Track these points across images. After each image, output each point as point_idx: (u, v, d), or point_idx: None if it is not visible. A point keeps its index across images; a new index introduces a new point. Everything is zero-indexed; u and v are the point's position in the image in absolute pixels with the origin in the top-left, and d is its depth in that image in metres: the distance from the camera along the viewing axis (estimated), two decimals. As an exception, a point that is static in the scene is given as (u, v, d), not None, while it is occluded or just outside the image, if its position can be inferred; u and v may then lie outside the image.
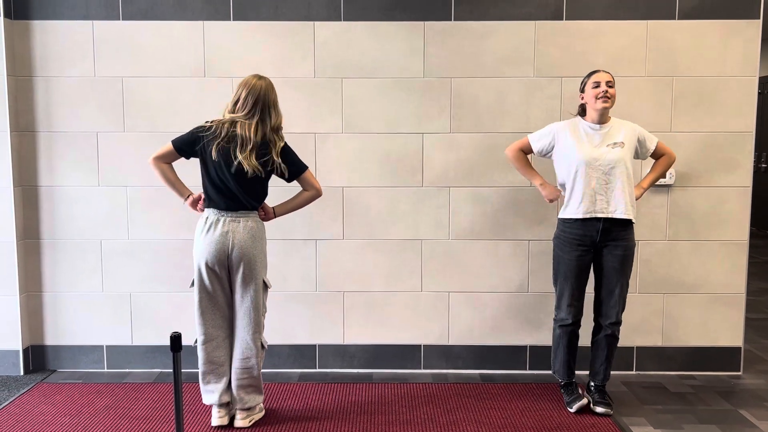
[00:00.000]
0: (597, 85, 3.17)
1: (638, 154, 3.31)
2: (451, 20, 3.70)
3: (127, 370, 3.91)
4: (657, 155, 3.34)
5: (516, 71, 3.72)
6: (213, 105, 3.74)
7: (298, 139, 3.75)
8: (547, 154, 3.31)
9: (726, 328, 3.85)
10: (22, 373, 3.83)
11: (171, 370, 3.83)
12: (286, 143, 3.09)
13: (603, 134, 3.20)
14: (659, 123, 3.73)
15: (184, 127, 3.74)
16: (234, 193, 2.99)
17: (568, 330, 3.31)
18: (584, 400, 3.30)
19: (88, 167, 3.80)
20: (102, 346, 3.90)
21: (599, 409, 3.27)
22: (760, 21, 3.65)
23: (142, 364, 3.91)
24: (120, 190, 3.80)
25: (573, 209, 3.21)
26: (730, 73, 3.70)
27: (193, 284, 3.06)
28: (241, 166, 2.94)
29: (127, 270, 3.85)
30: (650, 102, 3.73)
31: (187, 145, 3.04)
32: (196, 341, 3.09)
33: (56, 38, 3.72)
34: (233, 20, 3.71)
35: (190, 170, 3.24)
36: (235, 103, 3.00)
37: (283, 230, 3.81)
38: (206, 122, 3.05)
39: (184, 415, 3.26)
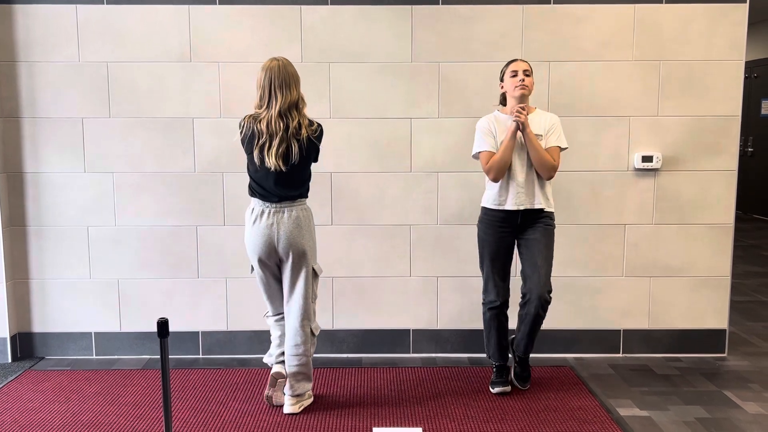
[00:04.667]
0: (514, 74, 3.19)
1: None
2: (438, 4, 3.68)
3: (115, 357, 3.90)
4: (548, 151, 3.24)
5: (504, 55, 3.71)
6: (199, 90, 3.71)
7: (286, 124, 3.73)
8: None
9: (711, 311, 3.89)
10: (9, 360, 3.82)
11: (159, 356, 3.84)
12: (320, 128, 3.07)
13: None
14: (646, 107, 3.74)
15: (170, 113, 3.73)
16: (272, 188, 2.99)
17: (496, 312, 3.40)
18: (508, 388, 3.36)
19: (73, 153, 3.76)
20: (90, 333, 3.89)
21: (518, 384, 3.42)
22: (747, 5, 3.65)
23: (130, 350, 3.90)
24: (106, 176, 3.78)
25: (497, 200, 3.24)
26: (717, 57, 3.71)
27: (252, 270, 3.16)
28: (265, 163, 2.94)
29: (115, 257, 3.83)
30: (638, 86, 3.73)
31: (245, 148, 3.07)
32: (266, 314, 3.30)
33: (40, 22, 3.67)
34: (219, 4, 3.67)
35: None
36: (260, 98, 2.98)
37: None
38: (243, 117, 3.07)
39: (172, 401, 3.27)
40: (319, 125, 3.07)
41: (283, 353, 3.19)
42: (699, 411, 3.19)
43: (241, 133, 3.03)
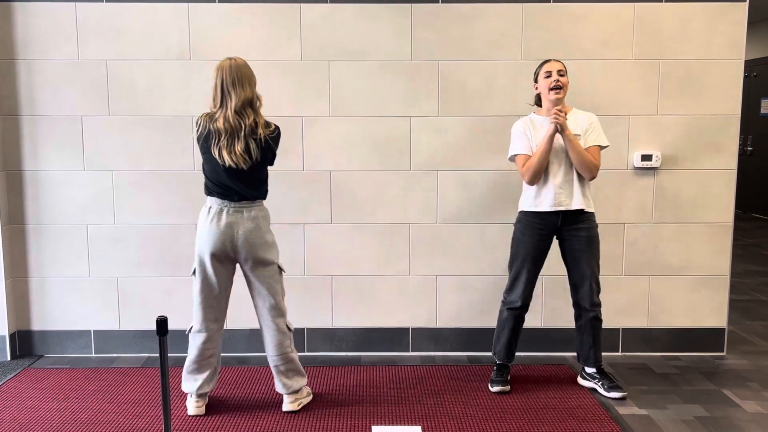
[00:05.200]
0: (548, 74, 3.17)
1: None
2: (438, 2, 3.68)
3: (114, 355, 3.90)
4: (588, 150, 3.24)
5: (503, 54, 3.71)
6: (198, 88, 3.71)
7: (285, 122, 3.73)
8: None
9: (710, 310, 3.89)
10: (9, 358, 3.82)
11: (158, 355, 3.84)
12: (277, 129, 3.02)
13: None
14: (646, 106, 3.74)
15: (169, 111, 3.73)
16: (231, 187, 2.95)
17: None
18: (507, 387, 3.34)
19: (72, 151, 3.76)
20: (89, 331, 3.89)
21: (614, 394, 3.28)
22: (746, 4, 3.65)
23: (129, 348, 3.90)
24: (105, 174, 3.78)
25: (534, 202, 3.23)
26: (717, 56, 3.71)
27: (194, 273, 3.03)
28: (225, 161, 2.89)
29: (114, 255, 3.83)
30: (637, 85, 3.73)
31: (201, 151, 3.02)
32: (190, 329, 3.08)
33: (39, 20, 3.67)
34: (218, 2, 3.67)
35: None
36: (213, 98, 2.94)
37: (270, 214, 3.79)
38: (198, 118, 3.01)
39: (171, 399, 3.27)
40: (277, 127, 3.01)
41: (205, 382, 3.09)
42: (698, 410, 3.19)
43: (197, 131, 2.96)
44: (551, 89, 3.16)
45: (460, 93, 3.74)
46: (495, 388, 3.34)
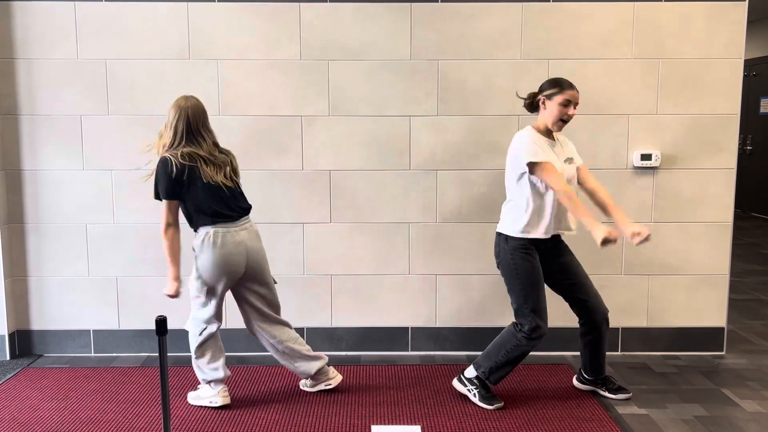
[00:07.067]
0: (567, 103, 2.96)
1: None
2: (438, 2, 3.68)
3: (114, 355, 3.90)
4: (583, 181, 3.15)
5: (503, 53, 3.71)
6: (197, 88, 3.71)
7: (285, 122, 3.73)
8: None
9: (710, 309, 3.89)
10: (8, 357, 3.82)
11: (157, 354, 3.84)
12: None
13: (558, 149, 3.07)
14: (645, 105, 3.74)
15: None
16: (232, 208, 3.06)
17: None
18: (501, 404, 3.18)
19: (72, 151, 3.76)
20: (89, 331, 3.89)
21: (621, 396, 3.28)
22: (746, 3, 3.65)
23: (129, 348, 3.90)
24: (105, 173, 3.77)
25: (539, 229, 3.03)
26: (716, 55, 3.71)
27: (204, 295, 3.06)
28: (220, 182, 3.04)
29: (113, 254, 3.83)
30: (637, 84, 3.73)
31: (177, 187, 2.98)
32: (202, 330, 3.09)
33: (38, 19, 3.66)
34: (218, 1, 3.67)
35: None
36: (181, 134, 3.03)
37: (269, 214, 3.80)
38: (171, 161, 2.94)
39: (171, 398, 3.27)
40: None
41: (224, 366, 3.17)
42: (697, 409, 3.19)
43: (173, 172, 2.94)
44: (562, 120, 2.99)
45: (460, 92, 3.74)
46: (496, 404, 3.16)
